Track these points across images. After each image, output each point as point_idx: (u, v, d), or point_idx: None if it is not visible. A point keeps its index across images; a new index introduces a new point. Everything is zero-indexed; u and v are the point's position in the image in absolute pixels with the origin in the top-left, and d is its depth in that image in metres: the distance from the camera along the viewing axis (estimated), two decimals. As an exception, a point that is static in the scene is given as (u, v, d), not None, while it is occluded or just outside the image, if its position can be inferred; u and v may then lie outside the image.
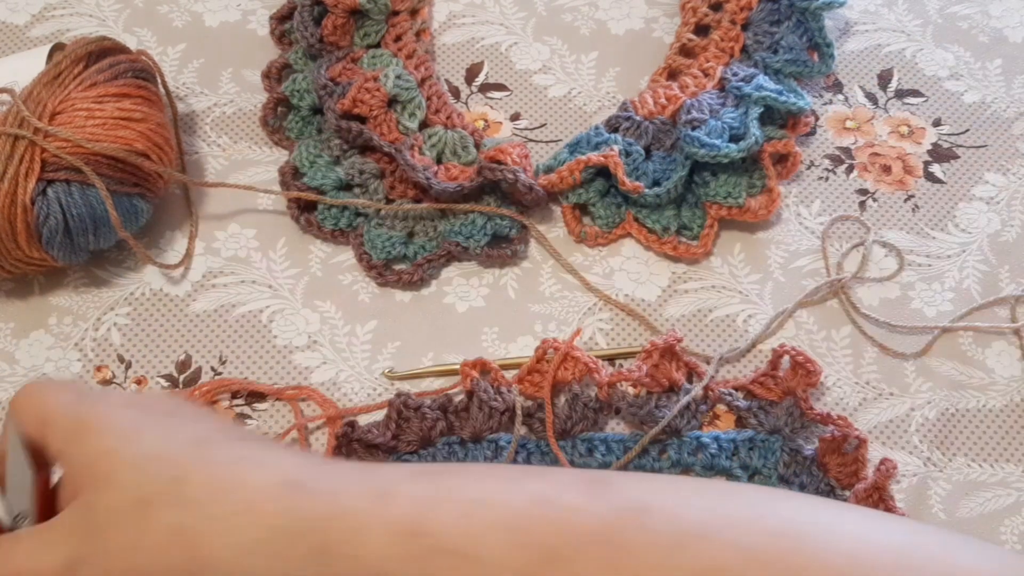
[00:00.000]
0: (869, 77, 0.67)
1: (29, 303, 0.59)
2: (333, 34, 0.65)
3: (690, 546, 0.35)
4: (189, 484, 0.37)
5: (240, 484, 0.37)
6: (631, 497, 0.37)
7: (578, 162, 0.59)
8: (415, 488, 0.37)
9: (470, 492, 0.37)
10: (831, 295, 0.59)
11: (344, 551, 0.36)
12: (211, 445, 0.39)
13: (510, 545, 0.35)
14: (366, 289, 0.59)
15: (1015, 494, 0.53)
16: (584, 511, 0.36)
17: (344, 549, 0.36)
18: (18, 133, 0.53)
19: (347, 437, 0.52)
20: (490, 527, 0.36)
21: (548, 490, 0.37)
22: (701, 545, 0.35)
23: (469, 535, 0.35)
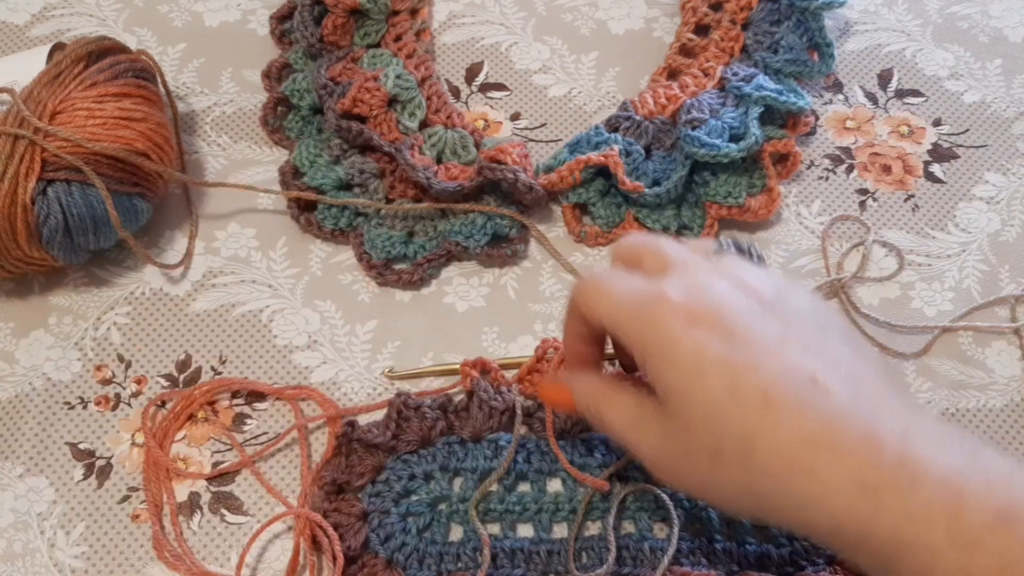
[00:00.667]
0: (869, 77, 0.67)
1: (29, 303, 0.59)
2: (333, 34, 0.65)
3: None
4: (757, 452, 0.37)
5: (810, 474, 0.36)
6: None
7: (578, 162, 0.59)
8: (1001, 543, 0.34)
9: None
10: (831, 295, 0.59)
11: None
12: (803, 406, 0.37)
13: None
14: (366, 289, 0.59)
15: (1015, 494, 0.53)
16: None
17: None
18: (18, 133, 0.53)
19: (347, 437, 0.52)
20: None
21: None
22: None
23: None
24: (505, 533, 0.51)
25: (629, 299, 0.41)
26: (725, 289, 0.40)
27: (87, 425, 0.55)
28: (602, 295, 0.43)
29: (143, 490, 0.53)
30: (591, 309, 0.43)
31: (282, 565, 0.51)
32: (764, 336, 0.39)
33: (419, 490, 0.52)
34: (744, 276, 0.41)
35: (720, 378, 0.38)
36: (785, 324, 0.40)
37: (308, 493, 0.52)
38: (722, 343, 0.38)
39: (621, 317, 0.42)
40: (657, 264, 0.43)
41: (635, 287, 0.42)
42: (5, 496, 0.53)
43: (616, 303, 0.42)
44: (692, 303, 0.39)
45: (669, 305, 0.40)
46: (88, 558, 0.51)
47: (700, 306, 0.39)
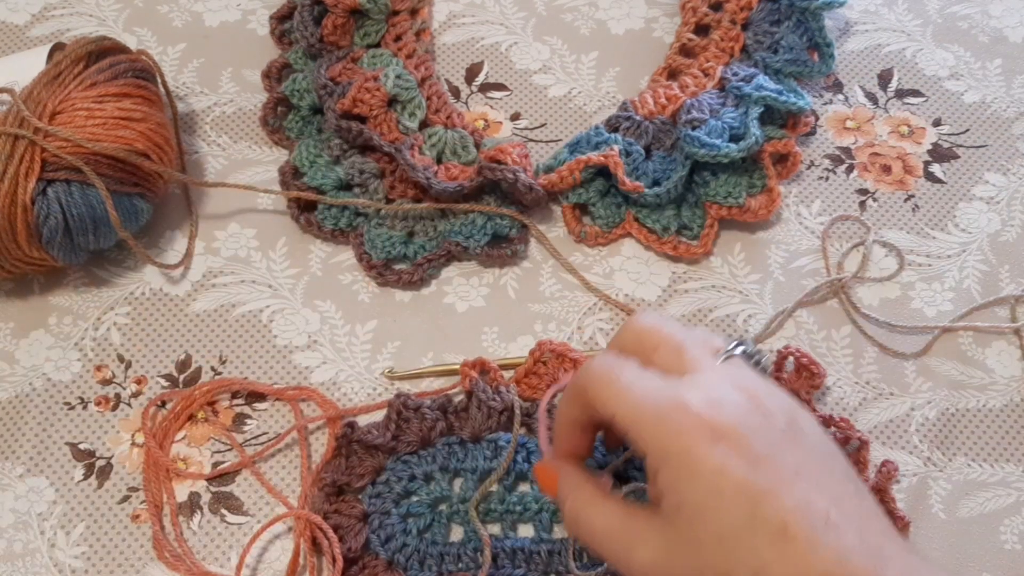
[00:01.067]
0: (869, 77, 0.67)
1: (29, 303, 0.59)
2: (333, 34, 0.65)
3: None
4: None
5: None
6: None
7: (578, 162, 0.59)
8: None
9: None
10: (831, 295, 0.59)
11: None
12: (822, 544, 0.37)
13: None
14: (366, 289, 0.59)
15: (1015, 494, 0.53)
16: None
17: None
18: (18, 133, 0.53)
19: (347, 438, 0.52)
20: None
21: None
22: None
23: None
24: (506, 533, 0.51)
25: (648, 400, 0.40)
26: (746, 405, 0.40)
27: (87, 425, 0.55)
28: (619, 391, 0.41)
29: (143, 490, 0.53)
30: (604, 403, 0.42)
31: (282, 565, 0.51)
32: (783, 464, 0.38)
33: (419, 491, 0.52)
34: (760, 393, 0.41)
35: (740, 502, 0.37)
36: (799, 453, 0.39)
37: (308, 494, 0.52)
38: (745, 465, 0.38)
39: (640, 419, 0.40)
40: (673, 360, 0.42)
41: (655, 388, 0.41)
42: (5, 496, 0.53)
43: (634, 402, 0.41)
44: (716, 417, 0.39)
45: (693, 417, 0.39)
46: (88, 558, 0.51)
47: (724, 422, 0.39)
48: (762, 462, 0.38)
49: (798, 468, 0.39)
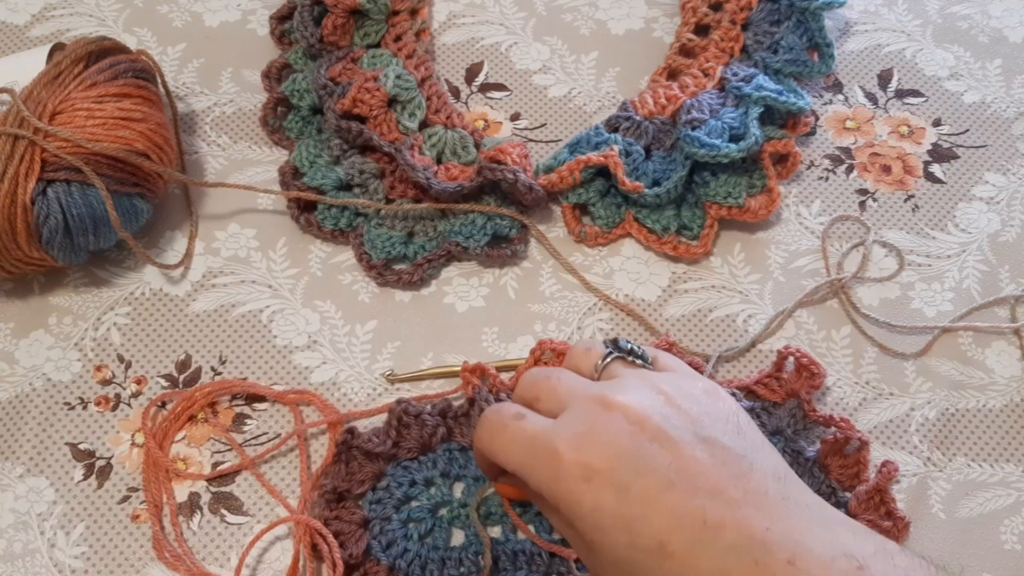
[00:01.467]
0: (869, 77, 0.67)
1: (29, 303, 0.59)
2: (333, 34, 0.65)
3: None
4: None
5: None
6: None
7: (578, 162, 0.59)
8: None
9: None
10: (831, 295, 0.59)
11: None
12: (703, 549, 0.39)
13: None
14: (366, 289, 0.59)
15: (1015, 494, 0.53)
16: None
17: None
18: (18, 133, 0.53)
19: (347, 444, 0.52)
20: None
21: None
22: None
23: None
24: (507, 536, 0.51)
25: (528, 449, 0.42)
26: (614, 431, 0.41)
27: (87, 425, 0.55)
28: (504, 441, 0.43)
29: (143, 490, 0.53)
30: (495, 454, 0.44)
31: (282, 566, 0.51)
32: (652, 482, 0.40)
33: (420, 496, 0.52)
34: (631, 403, 0.42)
35: (619, 532, 0.40)
36: (673, 454, 0.40)
37: (308, 499, 0.52)
38: (616, 497, 0.40)
39: (524, 469, 0.42)
40: (551, 404, 0.44)
41: (533, 435, 0.42)
42: (5, 496, 0.53)
43: (518, 453, 0.43)
44: (583, 457, 0.40)
45: (565, 462, 0.40)
46: (88, 558, 0.51)
47: (591, 459, 0.40)
48: (631, 488, 0.39)
49: (670, 479, 0.40)
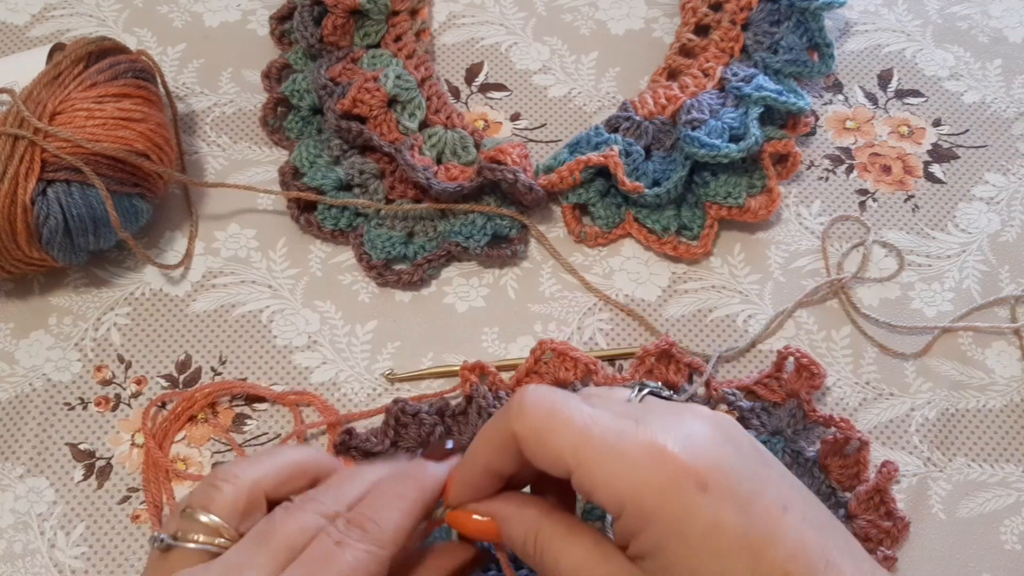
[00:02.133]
0: (869, 77, 0.67)
1: (29, 303, 0.59)
2: (333, 34, 0.65)
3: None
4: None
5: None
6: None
7: (578, 162, 0.59)
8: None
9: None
10: (831, 295, 0.59)
11: None
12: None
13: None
14: (366, 289, 0.59)
15: (1015, 494, 0.53)
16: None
17: None
18: (18, 133, 0.53)
19: (345, 445, 0.52)
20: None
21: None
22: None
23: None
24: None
25: (609, 443, 0.35)
26: (717, 439, 0.35)
27: (87, 426, 0.55)
28: (577, 437, 0.35)
29: (143, 490, 0.53)
30: (556, 452, 0.36)
31: (282, 565, 0.51)
32: (770, 499, 0.35)
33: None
34: (714, 417, 0.37)
35: (741, 558, 0.34)
36: (776, 479, 0.36)
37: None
38: (737, 513, 0.34)
39: (610, 472, 0.35)
40: (609, 398, 0.38)
41: (616, 430, 0.35)
42: (5, 497, 0.53)
43: (592, 447, 0.35)
44: (697, 460, 0.34)
45: (674, 465, 0.34)
46: (88, 558, 0.51)
47: (706, 464, 0.34)
48: (752, 505, 0.34)
49: (784, 500, 0.35)
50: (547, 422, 0.36)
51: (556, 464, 0.36)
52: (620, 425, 0.35)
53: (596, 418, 0.36)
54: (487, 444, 0.39)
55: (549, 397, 0.37)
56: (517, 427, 0.37)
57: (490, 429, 0.39)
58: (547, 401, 0.36)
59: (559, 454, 0.36)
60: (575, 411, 0.36)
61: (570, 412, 0.36)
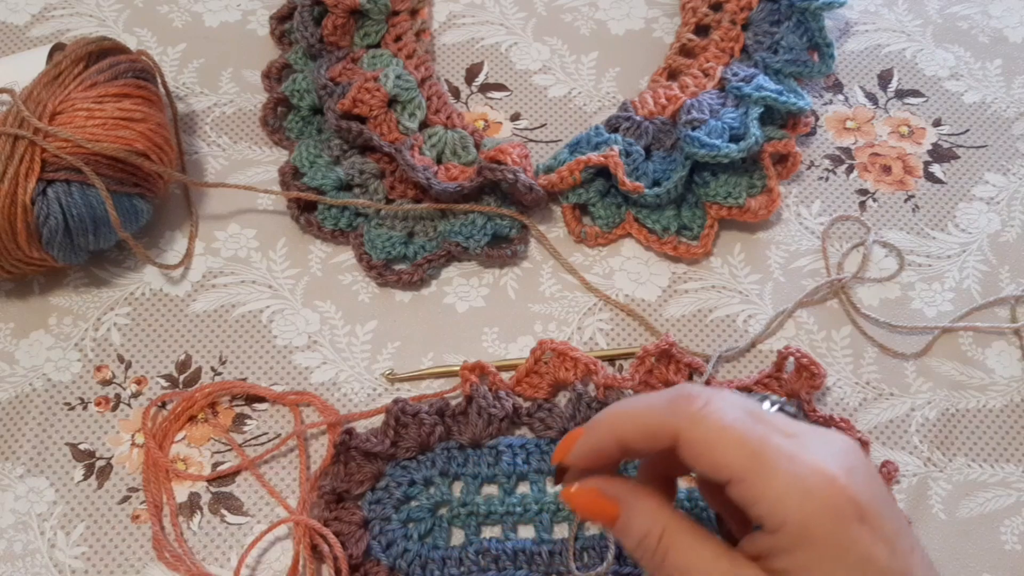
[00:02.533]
0: (869, 77, 0.67)
1: (29, 303, 0.59)
2: (333, 34, 0.65)
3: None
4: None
5: None
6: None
7: (578, 162, 0.59)
8: None
9: None
10: (831, 295, 0.59)
11: None
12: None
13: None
14: (366, 289, 0.59)
15: (1015, 494, 0.53)
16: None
17: None
18: (18, 133, 0.53)
19: (345, 445, 0.52)
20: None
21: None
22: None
23: None
24: (507, 535, 0.51)
25: (784, 463, 0.36)
26: (864, 470, 0.37)
27: (87, 426, 0.55)
28: (744, 444, 0.36)
29: (143, 490, 0.53)
30: (719, 452, 0.37)
31: (282, 566, 0.51)
32: (907, 541, 0.37)
33: (419, 496, 0.52)
34: (856, 446, 0.38)
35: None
36: (902, 519, 0.38)
37: (307, 500, 0.52)
38: (887, 551, 0.36)
39: (780, 489, 0.36)
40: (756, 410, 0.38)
41: (787, 447, 0.36)
42: (5, 497, 0.53)
43: (768, 464, 0.36)
44: (859, 494, 0.36)
45: (841, 494, 0.35)
46: (88, 558, 0.51)
47: (865, 499, 0.36)
48: (895, 542, 0.36)
49: (910, 540, 0.37)
50: (720, 433, 0.37)
51: (717, 472, 0.37)
52: (790, 446, 0.37)
53: (768, 435, 0.37)
54: (634, 425, 0.39)
55: (719, 403, 0.38)
56: (688, 431, 0.38)
57: (645, 414, 0.39)
58: (719, 410, 0.38)
59: (727, 464, 0.37)
60: (747, 425, 0.37)
61: (743, 426, 0.37)
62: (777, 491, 0.36)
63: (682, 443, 0.38)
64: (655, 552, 0.39)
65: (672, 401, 0.39)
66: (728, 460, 0.37)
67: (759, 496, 0.36)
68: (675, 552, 0.39)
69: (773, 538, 0.37)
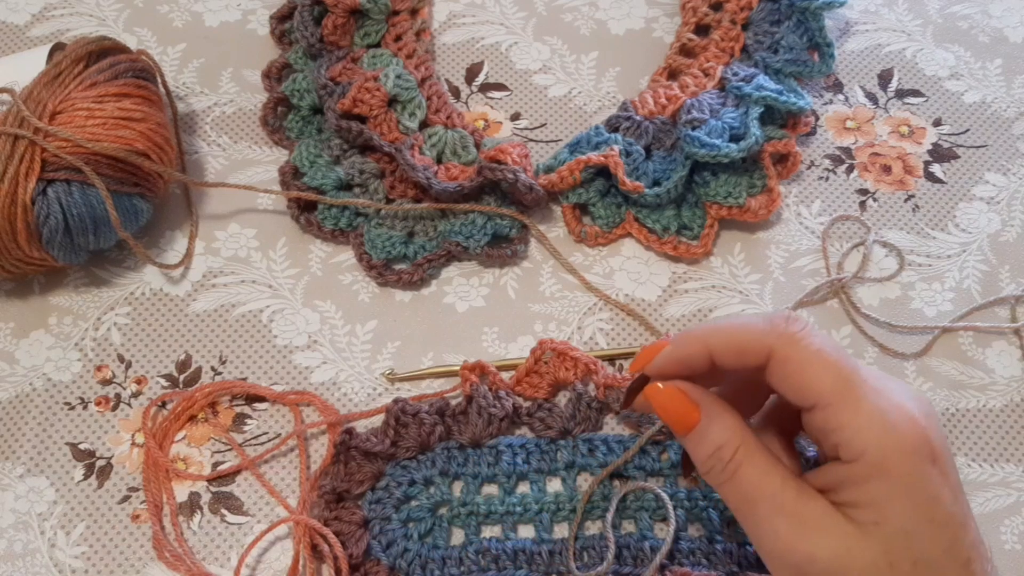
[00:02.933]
0: (869, 77, 0.67)
1: (29, 303, 0.59)
2: (333, 34, 0.65)
3: None
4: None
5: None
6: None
7: (578, 162, 0.59)
8: None
9: None
10: (831, 295, 0.59)
11: None
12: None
13: None
14: (366, 289, 0.59)
15: (1015, 494, 0.53)
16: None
17: None
18: (18, 133, 0.53)
19: (345, 445, 0.52)
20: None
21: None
22: None
23: None
24: (507, 535, 0.51)
25: (872, 396, 0.37)
26: (934, 414, 0.38)
27: (87, 425, 0.55)
28: (837, 370, 0.38)
29: (143, 490, 0.53)
30: (810, 375, 0.38)
31: (282, 566, 0.51)
32: (963, 496, 0.38)
33: (419, 495, 0.52)
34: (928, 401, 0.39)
35: (944, 533, 0.37)
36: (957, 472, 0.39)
37: (307, 500, 0.52)
38: (951, 494, 0.37)
39: (860, 417, 0.37)
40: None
41: (876, 381, 0.38)
42: (5, 496, 0.53)
43: (856, 394, 0.37)
44: (934, 436, 0.37)
45: (920, 434, 0.37)
46: (88, 558, 0.51)
47: (938, 442, 0.37)
48: (958, 491, 0.38)
49: (965, 497, 0.38)
50: (815, 356, 0.38)
51: (804, 395, 0.38)
52: (877, 382, 0.38)
53: (859, 368, 0.38)
54: (728, 337, 0.40)
55: (818, 333, 0.39)
56: (782, 349, 0.38)
57: (740, 328, 0.40)
58: (817, 336, 0.38)
59: (816, 388, 0.38)
60: (842, 354, 0.38)
61: (838, 355, 0.38)
62: (861, 421, 0.37)
63: (774, 361, 0.39)
64: (726, 466, 0.40)
65: (771, 320, 0.39)
66: (818, 384, 0.38)
67: (843, 424, 0.37)
68: (747, 469, 0.39)
69: (846, 468, 0.37)
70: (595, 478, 0.52)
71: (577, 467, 0.52)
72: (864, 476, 0.37)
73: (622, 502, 0.51)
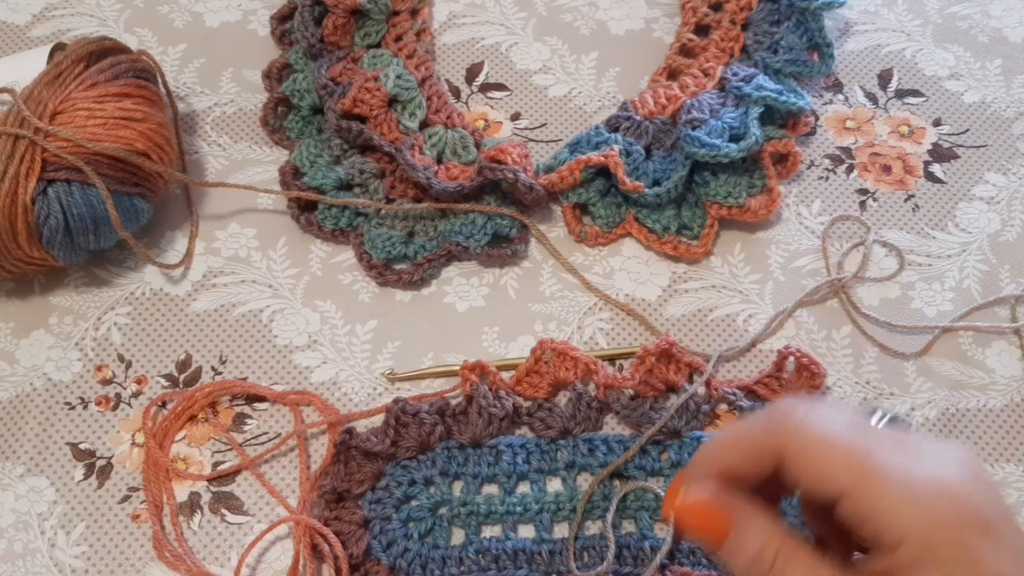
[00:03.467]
0: (869, 77, 0.67)
1: (29, 303, 0.59)
2: (333, 34, 0.65)
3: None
4: None
5: None
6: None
7: (578, 162, 0.59)
8: None
9: None
10: (831, 295, 0.59)
11: None
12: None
13: None
14: (366, 289, 0.59)
15: (1015, 494, 0.53)
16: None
17: None
18: (19, 133, 0.53)
19: (345, 445, 0.52)
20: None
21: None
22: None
23: None
24: (507, 534, 0.51)
25: (897, 473, 0.34)
26: (980, 480, 0.34)
27: (87, 425, 0.55)
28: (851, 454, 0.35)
29: (143, 490, 0.53)
30: (825, 465, 0.35)
31: (282, 566, 0.51)
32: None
33: (419, 495, 0.52)
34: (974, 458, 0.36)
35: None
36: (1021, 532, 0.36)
37: (307, 499, 0.52)
38: (1015, 567, 0.34)
39: (889, 498, 0.34)
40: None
41: (897, 456, 0.34)
42: (6, 496, 0.53)
43: (879, 474, 0.34)
44: (981, 505, 0.34)
45: (964, 503, 0.34)
46: (88, 558, 0.51)
47: (987, 510, 0.34)
48: (1019, 558, 0.34)
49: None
50: (824, 443, 0.36)
51: (823, 488, 0.35)
52: (901, 456, 0.35)
53: (876, 445, 0.35)
54: (736, 451, 0.38)
55: (822, 414, 0.36)
56: (790, 444, 0.36)
57: (744, 437, 0.38)
58: (821, 419, 0.36)
59: (832, 478, 0.35)
60: (852, 434, 0.35)
61: (848, 435, 0.35)
62: (891, 504, 0.34)
63: (787, 458, 0.36)
64: (770, 572, 0.37)
65: (771, 417, 0.37)
66: (833, 472, 0.35)
67: (872, 510, 0.34)
68: (793, 572, 0.37)
69: (892, 557, 0.34)
70: (595, 478, 0.52)
71: (577, 467, 0.52)
72: (910, 563, 0.34)
73: (622, 502, 0.51)
